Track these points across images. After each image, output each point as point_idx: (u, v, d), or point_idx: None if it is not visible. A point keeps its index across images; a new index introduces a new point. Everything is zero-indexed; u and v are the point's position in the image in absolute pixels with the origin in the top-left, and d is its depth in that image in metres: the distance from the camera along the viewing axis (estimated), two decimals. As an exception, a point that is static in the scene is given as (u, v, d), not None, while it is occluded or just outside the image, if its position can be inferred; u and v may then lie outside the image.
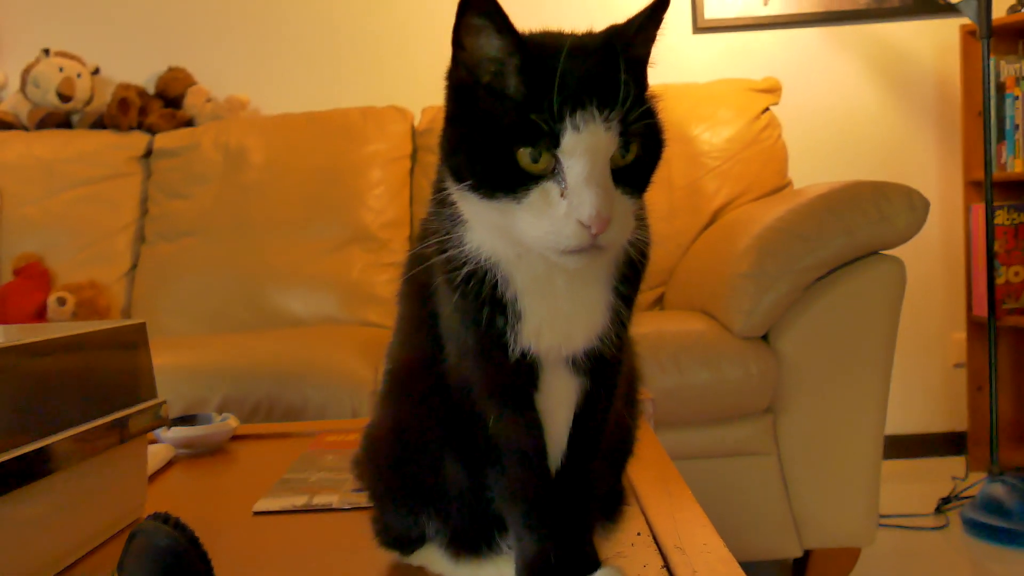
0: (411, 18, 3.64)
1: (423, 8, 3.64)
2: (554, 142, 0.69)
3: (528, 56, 0.71)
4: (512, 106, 0.70)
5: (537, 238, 0.71)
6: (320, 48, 3.68)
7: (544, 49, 0.72)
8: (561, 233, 0.70)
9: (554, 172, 0.70)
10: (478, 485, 0.86)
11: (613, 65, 0.71)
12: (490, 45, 0.71)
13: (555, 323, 0.80)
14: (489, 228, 0.76)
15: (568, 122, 0.69)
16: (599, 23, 0.79)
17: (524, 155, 0.69)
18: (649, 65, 0.77)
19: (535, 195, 0.70)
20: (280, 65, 3.69)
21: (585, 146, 0.69)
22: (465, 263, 0.78)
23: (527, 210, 0.70)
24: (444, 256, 0.79)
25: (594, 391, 0.84)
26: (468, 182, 0.72)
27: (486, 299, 0.78)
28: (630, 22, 0.74)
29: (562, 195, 0.70)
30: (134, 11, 3.69)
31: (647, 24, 0.74)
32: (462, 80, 0.74)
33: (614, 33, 0.75)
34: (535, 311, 0.79)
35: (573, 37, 0.76)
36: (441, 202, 0.80)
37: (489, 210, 0.73)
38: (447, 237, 0.79)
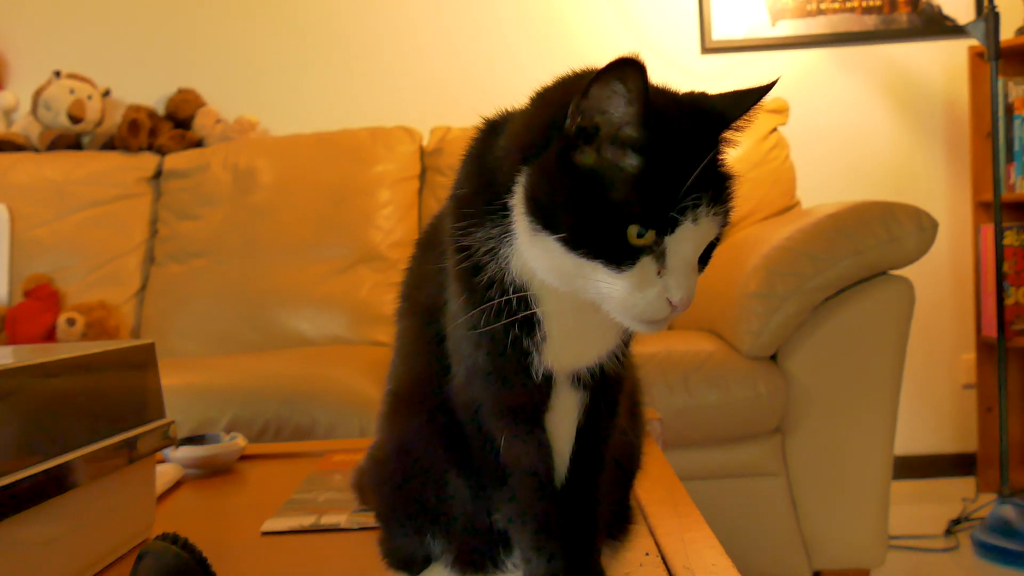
0: (420, 39, 3.65)
1: (432, 29, 3.66)
2: (668, 229, 0.70)
3: (655, 136, 0.70)
4: (631, 182, 0.70)
5: (621, 306, 0.72)
6: (328, 70, 3.70)
7: (670, 129, 0.71)
8: (650, 307, 0.72)
9: (653, 249, 0.71)
10: (483, 504, 0.87)
11: (721, 153, 0.74)
12: (620, 113, 0.70)
13: (574, 342, 0.81)
14: (551, 269, 0.75)
15: (690, 214, 0.70)
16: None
17: (633, 231, 0.70)
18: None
19: (636, 269, 0.71)
20: (289, 86, 3.71)
21: (695, 237, 0.71)
22: (500, 282, 0.78)
23: (623, 280, 0.71)
24: (480, 275, 0.78)
25: (595, 405, 0.85)
26: (561, 235, 0.72)
27: (516, 319, 0.78)
28: (741, 107, 0.75)
29: (659, 273, 0.71)
30: (144, 33, 3.72)
31: (751, 112, 0.75)
32: (573, 127, 0.72)
33: (723, 116, 0.75)
34: (557, 332, 0.79)
35: (691, 114, 0.74)
36: (483, 218, 0.78)
37: (564, 261, 0.72)
38: (488, 256, 0.78)
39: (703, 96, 0.77)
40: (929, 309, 3.27)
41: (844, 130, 3.67)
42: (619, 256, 0.71)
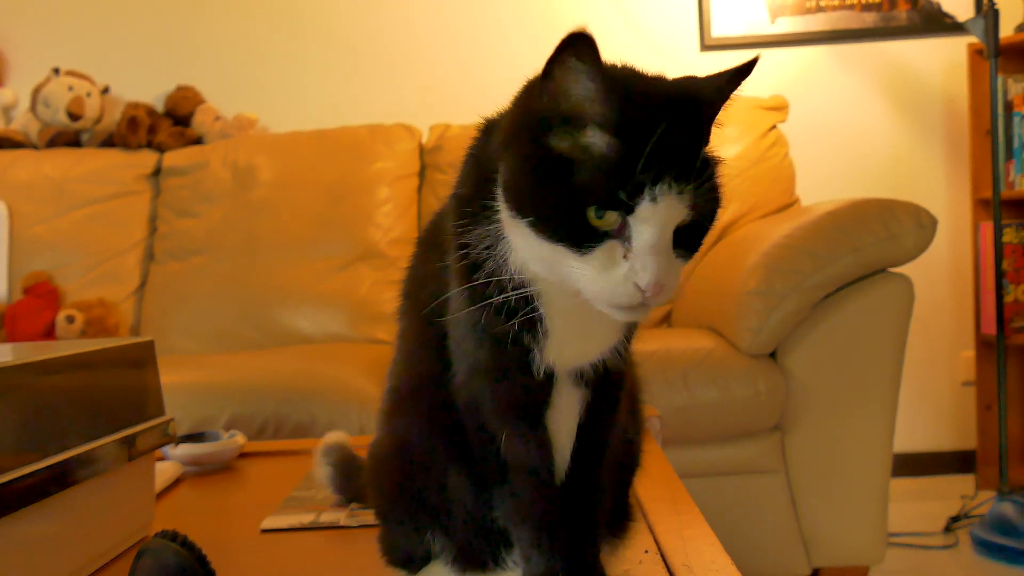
0: (419, 36, 3.65)
1: (431, 26, 3.65)
2: (629, 208, 0.69)
3: (615, 112, 0.70)
4: (590, 162, 0.69)
5: (591, 291, 0.71)
6: (328, 67, 3.70)
7: (631, 105, 0.70)
8: (616, 292, 0.70)
9: (618, 232, 0.70)
10: (483, 501, 0.86)
11: (693, 133, 0.72)
12: (581, 88, 0.70)
13: (576, 340, 0.80)
14: (535, 258, 0.75)
15: (647, 193, 0.69)
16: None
17: (592, 211, 0.69)
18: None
19: (599, 252, 0.70)
20: (288, 84, 3.71)
21: (657, 217, 0.69)
22: (499, 280, 0.77)
23: (588, 264, 0.70)
24: (479, 272, 0.78)
25: (597, 403, 0.84)
26: (529, 219, 0.71)
27: (517, 317, 0.78)
28: (714, 85, 0.74)
29: (624, 256, 0.70)
30: (143, 30, 3.72)
31: (728, 90, 0.75)
32: (542, 110, 0.72)
33: (697, 95, 0.74)
34: (559, 328, 0.79)
35: (655, 92, 0.73)
36: (480, 216, 0.78)
37: (542, 248, 0.72)
38: (485, 253, 0.78)
39: (685, 79, 0.76)
40: (928, 306, 3.27)
41: (843, 127, 3.67)
42: (580, 238, 0.70)
